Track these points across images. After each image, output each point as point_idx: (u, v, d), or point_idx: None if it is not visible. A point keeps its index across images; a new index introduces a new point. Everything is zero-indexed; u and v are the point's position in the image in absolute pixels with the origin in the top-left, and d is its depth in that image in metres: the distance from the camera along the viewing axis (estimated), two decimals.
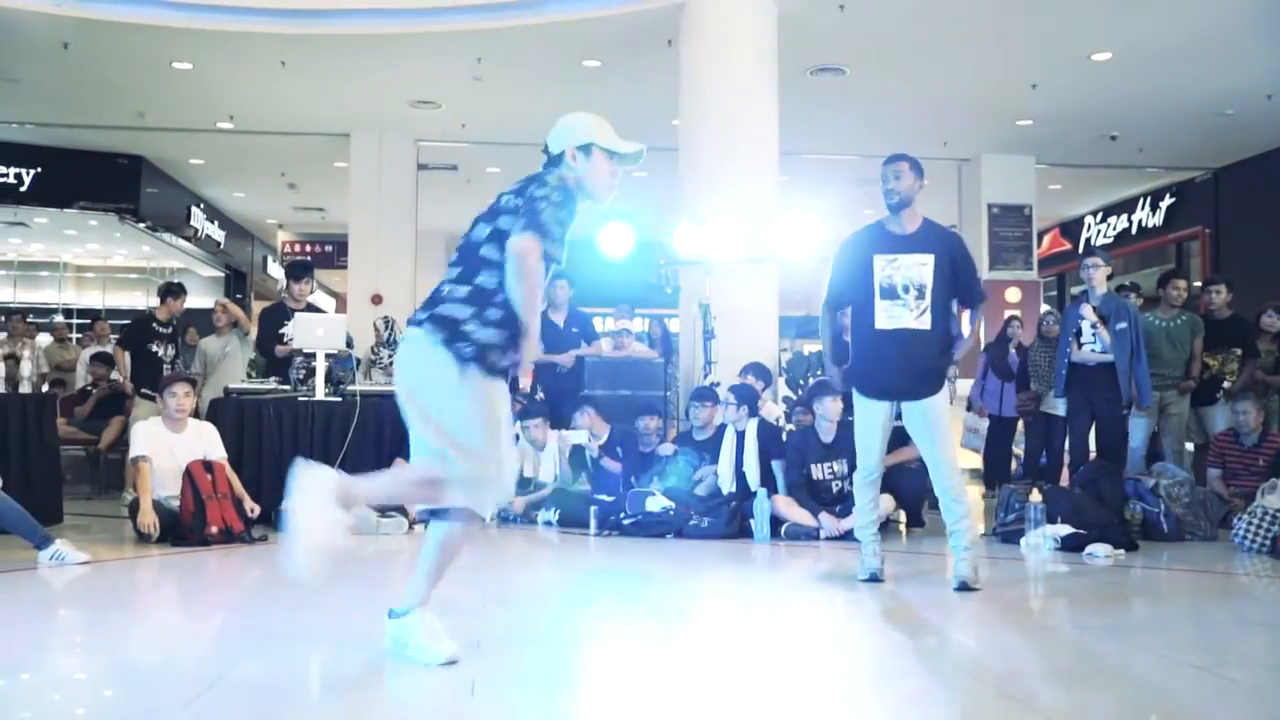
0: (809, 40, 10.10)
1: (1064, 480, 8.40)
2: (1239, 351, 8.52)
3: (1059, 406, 8.62)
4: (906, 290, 5.17)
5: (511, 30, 10.30)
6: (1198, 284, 9.43)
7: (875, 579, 5.35)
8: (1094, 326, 7.61)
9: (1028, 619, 4.97)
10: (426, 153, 14.36)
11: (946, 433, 5.30)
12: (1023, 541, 6.57)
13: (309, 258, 19.62)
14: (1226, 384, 8.46)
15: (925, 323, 5.16)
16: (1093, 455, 7.87)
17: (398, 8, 10.18)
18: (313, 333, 8.25)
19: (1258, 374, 8.57)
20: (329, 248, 20.07)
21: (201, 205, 18.01)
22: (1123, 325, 7.59)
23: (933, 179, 16.60)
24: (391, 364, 9.88)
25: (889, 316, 5.19)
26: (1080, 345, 7.69)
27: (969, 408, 10.87)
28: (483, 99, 12.40)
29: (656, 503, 7.25)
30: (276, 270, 22.00)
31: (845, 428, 7.34)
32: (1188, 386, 8.36)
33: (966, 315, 5.57)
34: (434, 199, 15.35)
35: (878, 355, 5.23)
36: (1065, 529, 6.55)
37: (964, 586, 5.08)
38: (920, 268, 5.19)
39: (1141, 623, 4.62)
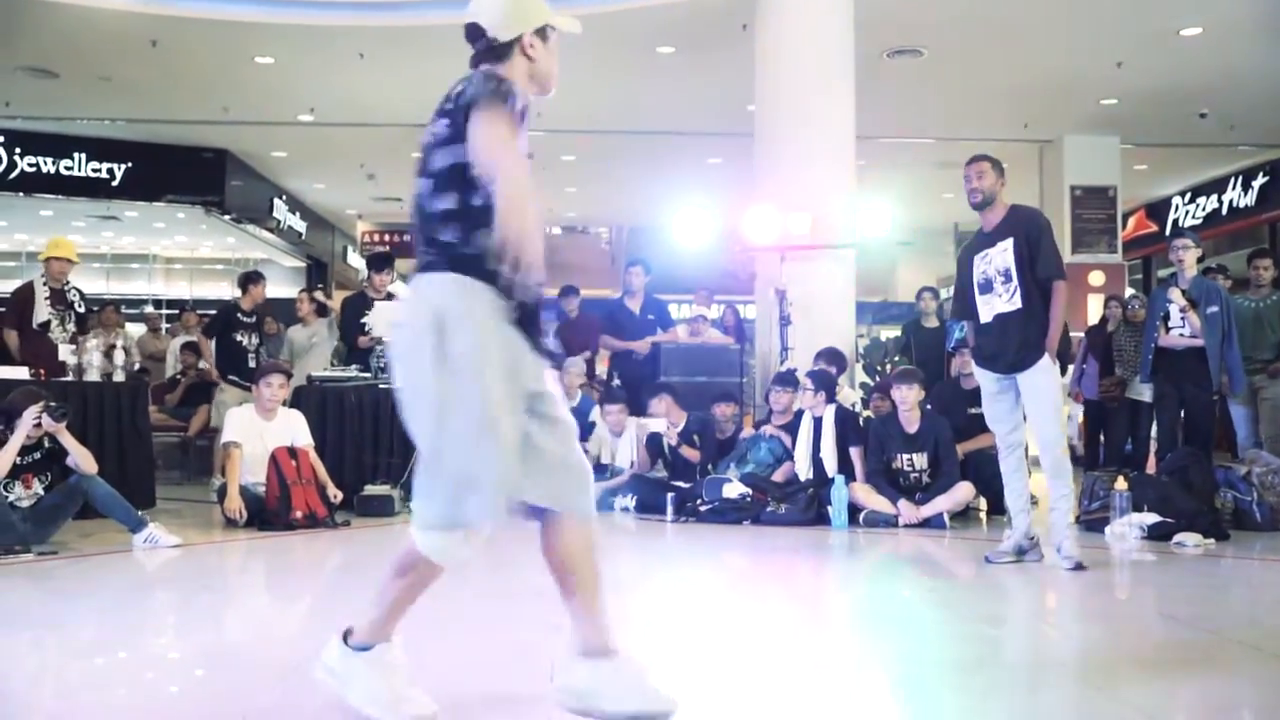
0: (886, 21, 10.00)
1: (1150, 468, 8.24)
2: None
3: (1145, 392, 8.47)
4: (997, 278, 5.49)
5: (586, 17, 10.12)
6: None
7: (1022, 552, 5.56)
8: (1183, 311, 7.47)
9: (1113, 607, 4.90)
10: None
11: (1047, 405, 5.43)
12: (1108, 530, 6.43)
13: (389, 248, 19.81)
14: None
15: (1016, 303, 5.40)
16: (1180, 443, 7.72)
17: None
18: (390, 320, 8.34)
19: None
20: (407, 238, 20.22)
21: (284, 197, 18.26)
22: (1214, 309, 7.45)
23: (1014, 162, 16.41)
24: None
25: (988, 308, 5.55)
26: (1168, 329, 7.54)
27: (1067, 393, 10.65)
28: (558, 87, 12.42)
29: (733, 489, 7.24)
30: (356, 260, 22.25)
31: (929, 419, 7.29)
32: (1277, 369, 8.15)
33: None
34: None
35: (988, 339, 5.60)
36: (1152, 517, 6.41)
37: (1079, 566, 5.21)
38: (1003, 254, 5.46)
39: (1232, 614, 4.53)
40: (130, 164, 15.11)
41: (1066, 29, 10.59)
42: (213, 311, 11.09)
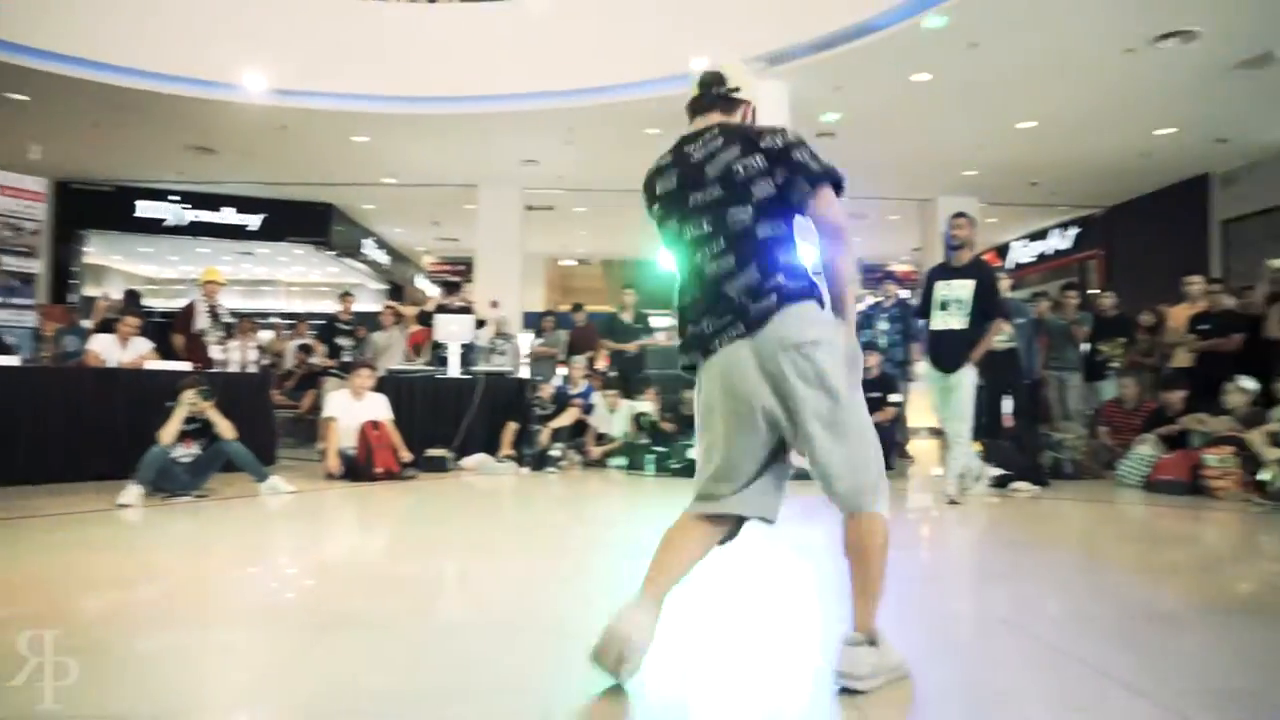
0: (811, 114, 10.01)
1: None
2: (1123, 340, 8.41)
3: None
4: (953, 304, 5.73)
5: (593, 108, 10.31)
6: (1096, 291, 9.29)
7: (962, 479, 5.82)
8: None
9: (971, 533, 4.93)
10: (531, 197, 14.42)
11: (967, 395, 5.65)
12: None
13: (458, 278, 19.76)
14: (1115, 365, 8.32)
15: (965, 324, 5.67)
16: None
17: (511, 93, 10.24)
18: (449, 328, 8.37)
19: (1135, 357, 8.46)
20: (461, 267, 20.19)
21: (372, 238, 18.21)
22: (1021, 321, 7.67)
23: (902, 215, 16.41)
24: (498, 352, 10.03)
25: (942, 323, 5.76)
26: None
27: None
28: (572, 158, 12.44)
29: (695, 452, 7.23)
30: (422, 283, 22.23)
31: None
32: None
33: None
34: (536, 231, 15.45)
35: (940, 344, 5.79)
36: (997, 471, 6.47)
37: (953, 502, 5.62)
38: (965, 288, 5.72)
39: (1050, 540, 4.57)
40: (264, 215, 15.10)
41: (940, 122, 10.62)
42: (321, 322, 11.09)
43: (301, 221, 15.46)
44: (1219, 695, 2.16)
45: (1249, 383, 6.54)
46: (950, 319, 5.72)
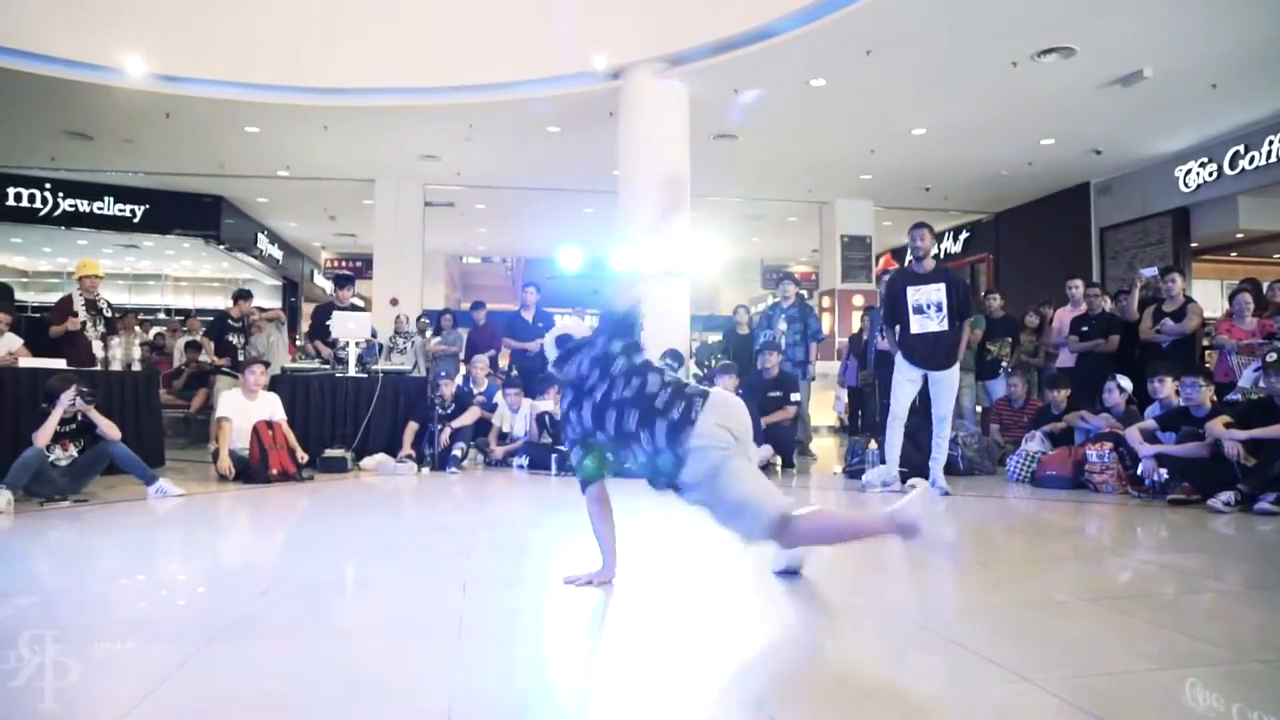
0: (711, 114, 10.13)
1: None
2: (1010, 340, 8.77)
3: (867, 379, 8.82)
4: (929, 308, 6.05)
5: (494, 104, 10.22)
6: (984, 293, 9.73)
7: (886, 485, 6.22)
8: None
9: None
10: (431, 193, 14.22)
11: (951, 393, 6.06)
12: (864, 477, 6.66)
13: (351, 273, 19.33)
14: (1004, 364, 8.67)
15: (945, 325, 6.03)
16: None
17: (410, 86, 10.06)
18: (346, 326, 8.18)
19: (1021, 357, 8.83)
20: (359, 263, 19.76)
21: (265, 232, 17.67)
22: None
23: (801, 217, 16.74)
24: (398, 350, 9.83)
25: (920, 325, 6.07)
26: (883, 338, 7.82)
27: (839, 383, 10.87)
28: (473, 154, 12.31)
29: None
30: (320, 280, 21.66)
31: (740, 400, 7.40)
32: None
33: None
34: (436, 228, 15.23)
35: (921, 345, 6.07)
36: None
37: (946, 493, 5.96)
38: (937, 292, 6.07)
39: (943, 534, 4.73)
40: (148, 205, 14.42)
41: (837, 126, 10.90)
42: (210, 318, 10.69)
43: (189, 214, 14.88)
44: (1099, 678, 2.27)
45: (1126, 382, 6.92)
46: (928, 322, 6.06)
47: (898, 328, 6.24)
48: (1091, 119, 10.35)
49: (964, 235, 16.43)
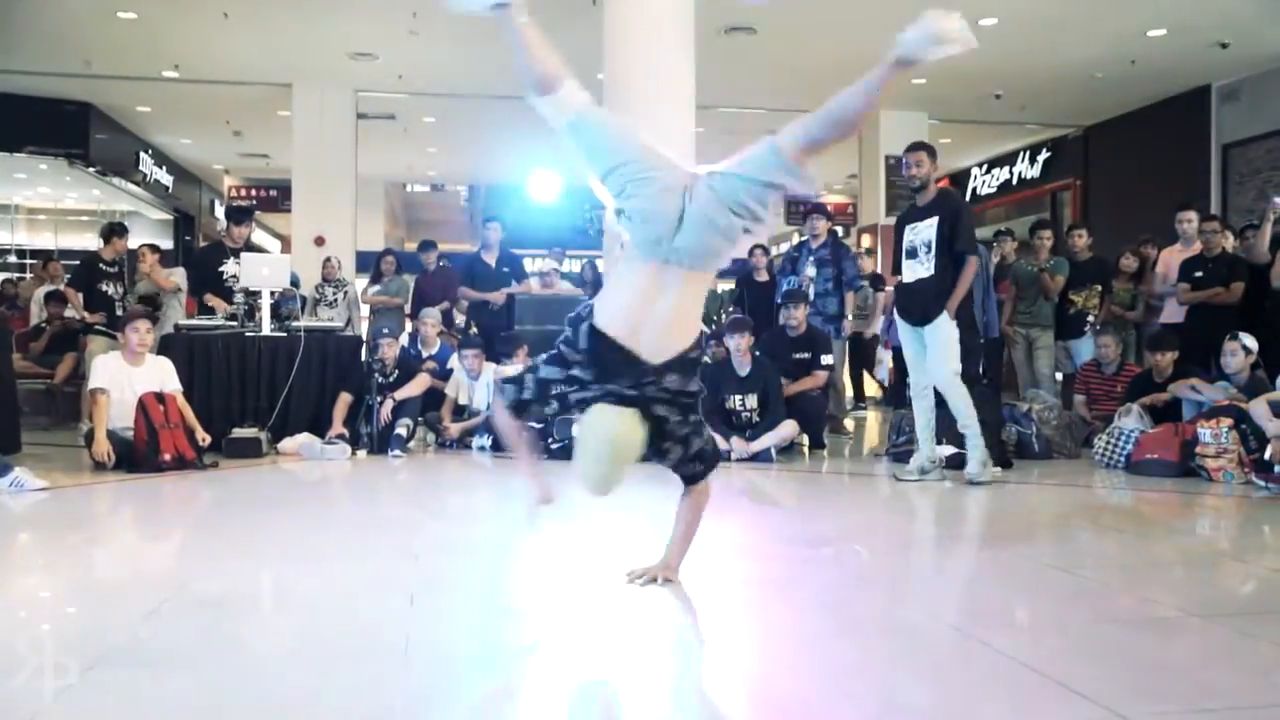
0: (725, 2, 10.03)
1: None
2: (1100, 288, 8.75)
3: None
4: (921, 249, 6.12)
5: None
6: (1067, 228, 9.72)
7: (924, 472, 6.25)
8: None
9: (915, 531, 5.10)
10: (365, 103, 14.12)
11: (942, 350, 6.03)
12: (912, 460, 6.68)
13: (254, 203, 19.21)
14: (1091, 319, 8.67)
15: (931, 269, 6.06)
16: None
17: None
18: (259, 271, 8.13)
19: (1115, 310, 8.83)
20: (273, 192, 19.66)
21: (150, 151, 17.53)
22: None
23: None
24: (326, 303, 9.80)
25: (911, 272, 6.19)
26: None
27: (883, 344, 10.89)
28: (418, 52, 12.19)
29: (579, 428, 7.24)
30: (223, 213, 21.57)
31: (759, 363, 7.44)
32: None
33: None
34: (373, 147, 15.14)
35: (908, 296, 6.25)
36: (949, 449, 6.68)
37: (971, 482, 6.00)
38: (929, 229, 6.08)
39: (1014, 532, 4.76)
40: None
41: (880, 14, 10.76)
42: (76, 263, 10.60)
43: (47, 126, 14.63)
44: (1212, 715, 2.29)
45: (1251, 341, 6.85)
46: (918, 267, 6.15)
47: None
48: (1217, 2, 10.26)
49: (1044, 156, 16.40)
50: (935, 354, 6.04)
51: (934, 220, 6.06)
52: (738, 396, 7.38)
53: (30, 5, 10.66)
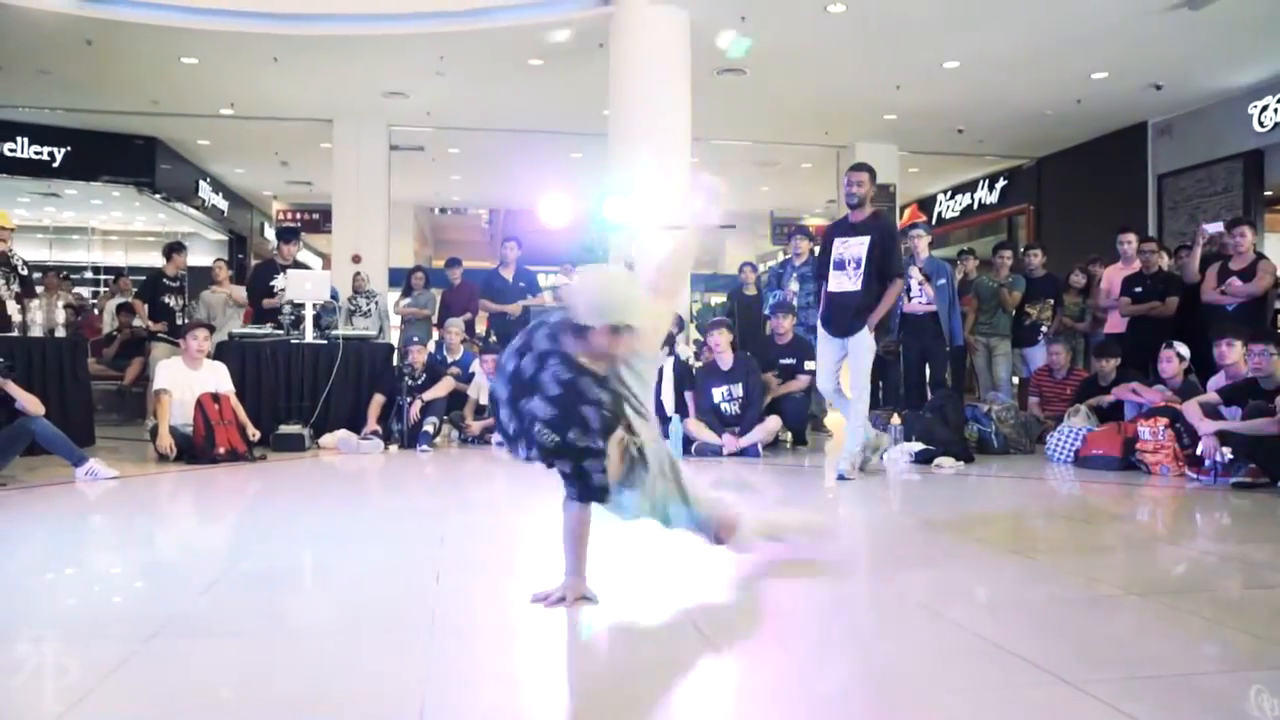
0: (715, 46, 10.03)
1: None
2: (1052, 301, 8.82)
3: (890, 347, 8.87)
4: (849, 263, 5.93)
5: (468, 33, 10.11)
6: (1023, 249, 9.74)
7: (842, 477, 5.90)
8: (920, 284, 7.77)
9: (888, 516, 5.09)
10: (397, 136, 14.11)
11: (863, 363, 5.89)
12: (885, 455, 6.70)
13: (299, 224, 19.21)
14: (1044, 329, 8.72)
15: (858, 285, 5.89)
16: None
17: (373, 12, 9.94)
18: (302, 286, 8.16)
19: (1065, 321, 8.85)
20: (316, 216, 19.61)
21: (208, 179, 17.54)
22: (943, 282, 7.84)
23: (816, 162, 16.68)
24: (361, 314, 9.81)
25: (837, 283, 5.99)
26: (910, 299, 7.82)
27: None
28: (444, 91, 12.20)
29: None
30: (272, 234, 21.56)
31: (741, 358, 7.45)
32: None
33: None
34: (404, 175, 15.14)
35: (831, 307, 6.05)
36: (918, 445, 6.70)
37: (841, 477, 5.81)
38: (860, 246, 5.91)
39: (975, 520, 4.75)
40: (69, 148, 14.22)
41: (857, 59, 10.80)
42: (143, 278, 10.65)
43: (119, 158, 14.70)
44: (1151, 682, 2.29)
45: (1184, 349, 6.86)
46: (844, 280, 5.96)
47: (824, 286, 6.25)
48: (1152, 48, 10.26)
49: (1001, 183, 16.38)
50: (855, 363, 5.89)
51: (866, 240, 5.90)
52: (724, 388, 7.37)
53: (107, 54, 10.70)
